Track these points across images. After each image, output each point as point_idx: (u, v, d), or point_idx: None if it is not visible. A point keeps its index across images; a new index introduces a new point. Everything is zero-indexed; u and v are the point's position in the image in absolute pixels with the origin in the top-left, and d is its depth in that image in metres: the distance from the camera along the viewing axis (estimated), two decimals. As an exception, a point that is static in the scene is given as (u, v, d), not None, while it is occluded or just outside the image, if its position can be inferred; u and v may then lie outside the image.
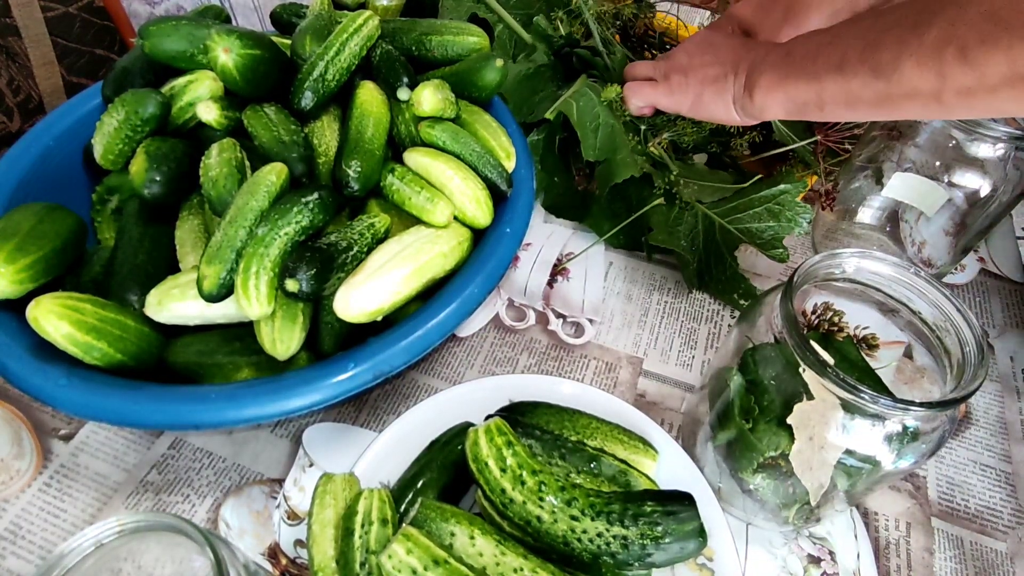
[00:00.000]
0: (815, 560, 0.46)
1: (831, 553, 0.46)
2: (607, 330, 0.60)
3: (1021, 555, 0.47)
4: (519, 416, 0.46)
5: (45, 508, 0.47)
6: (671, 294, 0.63)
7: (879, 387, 0.40)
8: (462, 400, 0.49)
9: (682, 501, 0.40)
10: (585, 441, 0.45)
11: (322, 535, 0.38)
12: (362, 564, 0.37)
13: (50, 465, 0.49)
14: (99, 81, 0.54)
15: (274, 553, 0.45)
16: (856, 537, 0.47)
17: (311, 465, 0.48)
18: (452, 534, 0.37)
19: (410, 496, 0.42)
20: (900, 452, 0.35)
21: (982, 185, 0.53)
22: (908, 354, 0.41)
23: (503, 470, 0.39)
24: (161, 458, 0.49)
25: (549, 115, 0.59)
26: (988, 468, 0.52)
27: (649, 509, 0.39)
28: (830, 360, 0.33)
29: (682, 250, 0.59)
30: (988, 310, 0.64)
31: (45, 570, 0.31)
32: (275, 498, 0.47)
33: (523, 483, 0.39)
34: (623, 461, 0.45)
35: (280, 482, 0.48)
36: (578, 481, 0.43)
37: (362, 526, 0.38)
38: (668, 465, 0.46)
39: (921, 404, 0.32)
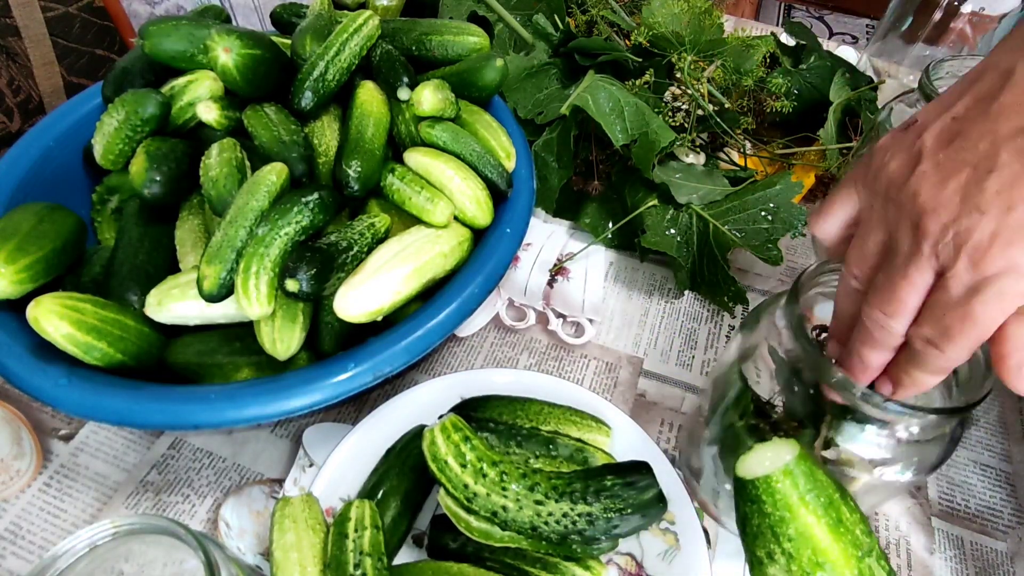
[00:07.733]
0: (815, 560, 0.46)
1: (831, 553, 0.46)
2: (607, 330, 0.60)
3: (1021, 555, 0.47)
4: (471, 412, 0.47)
5: (45, 508, 0.47)
6: (671, 294, 0.63)
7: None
8: (413, 404, 0.49)
9: (639, 471, 0.41)
10: (539, 427, 0.46)
11: (286, 560, 0.38)
12: (356, 565, 0.37)
13: (50, 465, 0.49)
14: (99, 81, 0.54)
15: (274, 553, 0.45)
16: (856, 537, 0.47)
17: (311, 465, 0.48)
18: None
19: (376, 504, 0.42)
20: (905, 463, 0.35)
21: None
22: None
23: (463, 465, 0.39)
24: (161, 458, 0.49)
25: (564, 110, 0.59)
26: (988, 468, 0.52)
27: (610, 483, 0.40)
28: (839, 373, 0.33)
29: (675, 252, 0.58)
30: (988, 310, 0.64)
31: (39, 570, 0.31)
32: (275, 498, 0.47)
33: (485, 475, 0.39)
34: (578, 440, 0.45)
35: (280, 482, 0.48)
36: (538, 466, 0.44)
37: (355, 530, 0.38)
38: (623, 437, 0.48)
39: (932, 410, 0.31)
